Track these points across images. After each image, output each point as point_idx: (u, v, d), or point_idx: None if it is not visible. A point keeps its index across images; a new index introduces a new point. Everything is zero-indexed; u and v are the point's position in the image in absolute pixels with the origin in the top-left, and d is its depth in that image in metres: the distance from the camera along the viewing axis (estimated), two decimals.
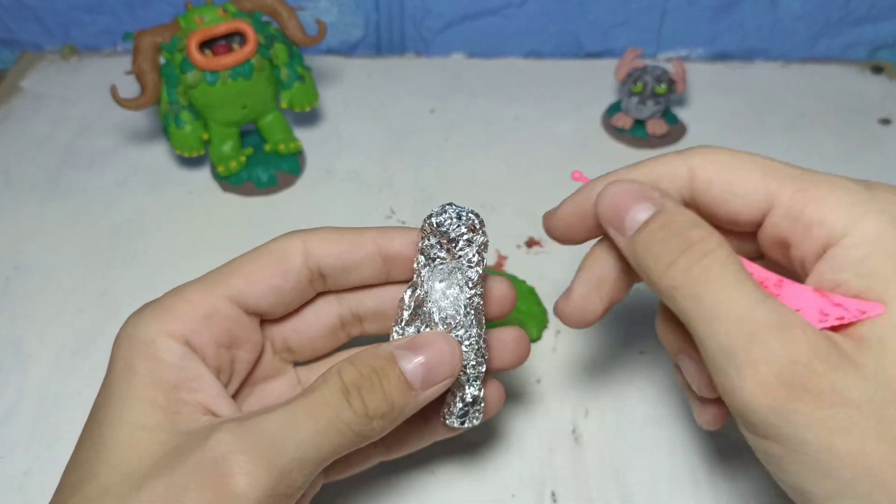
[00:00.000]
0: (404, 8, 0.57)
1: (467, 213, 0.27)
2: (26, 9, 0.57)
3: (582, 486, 0.34)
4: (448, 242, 0.26)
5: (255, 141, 0.49)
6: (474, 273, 0.27)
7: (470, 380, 0.27)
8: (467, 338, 0.27)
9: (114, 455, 0.22)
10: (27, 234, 0.45)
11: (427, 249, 0.27)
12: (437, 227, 0.26)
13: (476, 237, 0.27)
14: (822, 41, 0.59)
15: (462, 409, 0.28)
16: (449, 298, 0.26)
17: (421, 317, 0.27)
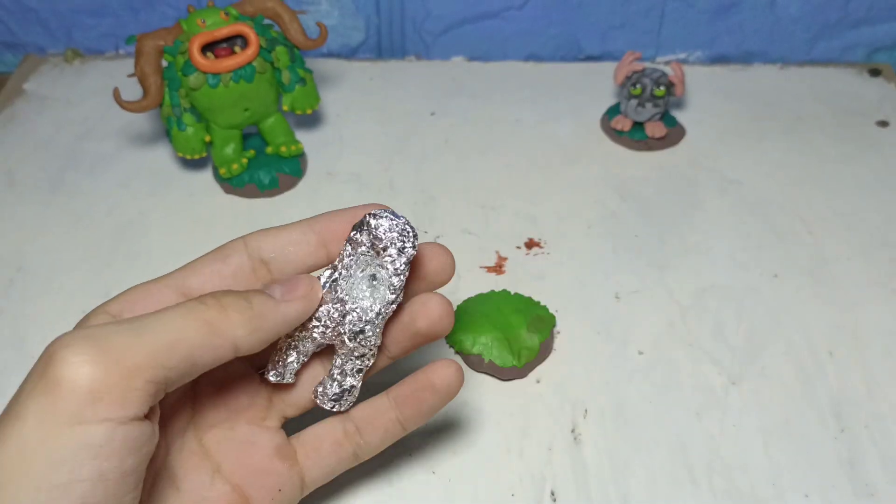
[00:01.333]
0: (405, 11, 0.58)
1: (404, 223, 0.27)
2: (30, 12, 0.58)
3: (581, 485, 0.34)
4: (379, 246, 0.27)
5: (256, 143, 0.49)
6: (398, 281, 0.27)
7: (354, 370, 0.29)
8: (371, 335, 0.27)
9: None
10: (30, 235, 0.46)
11: (355, 244, 0.27)
12: (374, 228, 0.26)
13: (407, 249, 0.27)
14: (820, 44, 0.59)
15: (336, 394, 0.29)
16: (365, 289, 0.27)
17: (333, 300, 0.27)
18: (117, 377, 0.21)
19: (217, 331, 0.23)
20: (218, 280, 0.27)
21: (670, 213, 0.47)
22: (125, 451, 0.21)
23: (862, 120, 0.54)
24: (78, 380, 0.20)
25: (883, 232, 0.46)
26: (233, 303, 0.24)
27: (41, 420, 0.20)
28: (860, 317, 0.41)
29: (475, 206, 0.47)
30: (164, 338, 0.22)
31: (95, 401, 0.21)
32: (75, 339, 0.21)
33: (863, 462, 0.35)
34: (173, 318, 0.23)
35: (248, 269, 0.28)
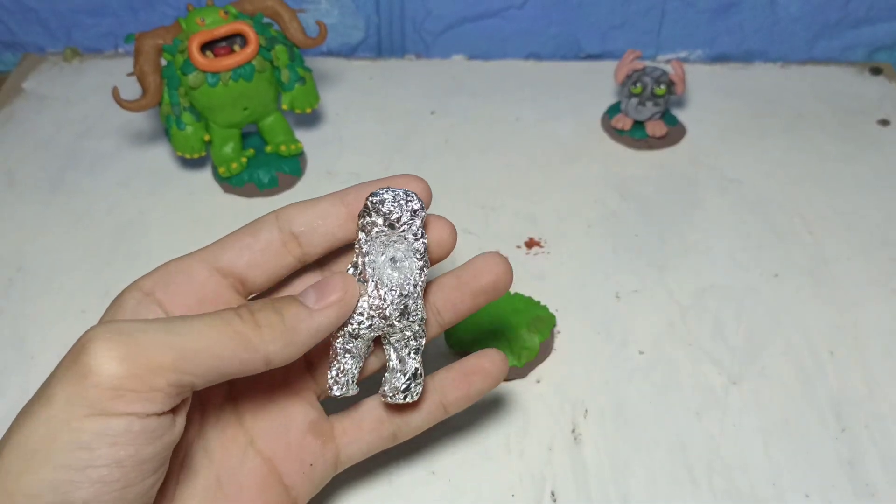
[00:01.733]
0: (404, 10, 0.57)
1: (405, 192, 0.27)
2: (29, 11, 0.57)
3: (581, 485, 0.34)
4: (390, 218, 0.26)
5: (256, 142, 0.49)
6: (421, 245, 0.27)
7: (411, 353, 0.28)
8: (414, 310, 0.27)
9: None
10: (29, 235, 0.45)
11: (369, 227, 0.27)
12: (379, 205, 0.26)
13: (418, 212, 0.27)
14: (820, 43, 0.59)
15: (405, 382, 0.28)
16: (395, 269, 0.27)
17: (366, 289, 0.27)
18: (141, 376, 0.22)
19: (248, 346, 0.24)
20: (248, 255, 0.28)
21: (670, 213, 0.47)
22: (143, 441, 0.22)
23: (863, 119, 0.54)
24: (104, 373, 0.22)
25: (883, 231, 0.46)
26: (266, 318, 0.24)
27: (67, 405, 0.22)
28: (860, 317, 0.41)
29: (475, 206, 0.47)
30: (193, 345, 0.23)
31: (118, 396, 0.22)
32: (108, 333, 0.22)
33: (863, 462, 0.35)
34: (206, 327, 0.23)
35: (278, 243, 0.28)
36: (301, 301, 0.26)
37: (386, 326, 0.27)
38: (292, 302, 0.25)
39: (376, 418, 0.30)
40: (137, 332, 0.22)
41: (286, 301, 0.25)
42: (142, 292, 0.26)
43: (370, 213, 0.27)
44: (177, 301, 0.27)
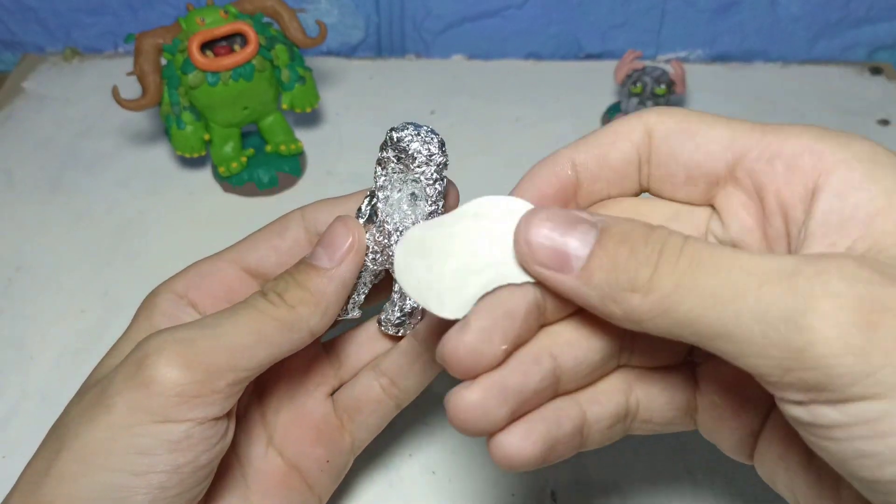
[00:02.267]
0: (404, 10, 0.57)
1: (427, 131, 0.26)
2: (28, 11, 0.57)
3: (582, 485, 0.34)
4: (406, 158, 0.26)
5: (256, 142, 0.49)
6: (433, 190, 0.27)
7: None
8: None
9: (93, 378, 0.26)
10: (29, 234, 0.45)
11: (385, 162, 0.27)
12: (396, 141, 0.26)
13: (435, 156, 0.27)
14: (821, 42, 0.59)
15: (399, 318, 0.29)
16: (406, 208, 0.27)
17: (376, 224, 0.27)
18: (202, 381, 0.23)
19: (293, 328, 0.25)
20: (275, 256, 0.28)
21: None
22: (201, 448, 0.23)
23: (863, 119, 0.54)
24: (168, 382, 0.22)
25: None
26: (295, 296, 0.25)
27: (130, 413, 0.22)
28: None
29: None
30: (243, 340, 0.24)
31: (181, 403, 0.23)
32: (167, 344, 0.23)
33: None
34: (249, 321, 0.24)
35: (304, 243, 0.28)
36: (315, 265, 0.26)
37: (389, 263, 0.27)
38: (309, 270, 0.26)
39: (373, 398, 0.30)
40: (192, 338, 0.23)
41: (303, 272, 0.26)
42: (175, 294, 0.27)
43: (388, 147, 0.27)
44: (208, 302, 0.27)
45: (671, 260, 0.19)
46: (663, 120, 0.22)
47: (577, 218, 0.21)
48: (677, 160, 0.22)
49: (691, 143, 0.22)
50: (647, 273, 0.19)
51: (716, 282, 0.18)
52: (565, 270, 0.20)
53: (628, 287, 0.19)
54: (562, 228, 0.20)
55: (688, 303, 0.18)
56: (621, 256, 0.19)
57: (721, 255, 0.18)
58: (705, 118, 0.22)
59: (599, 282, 0.20)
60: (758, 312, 0.17)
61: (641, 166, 0.23)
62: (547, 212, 0.21)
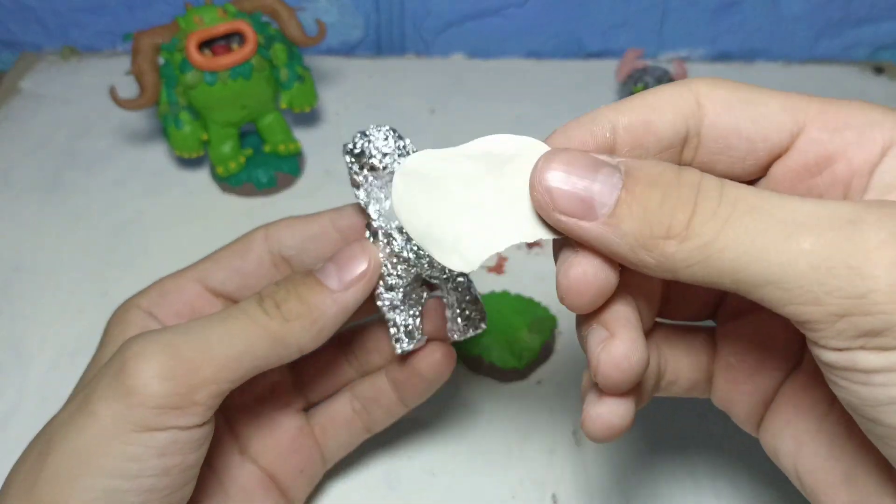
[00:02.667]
0: (404, 8, 0.57)
1: (373, 127, 0.26)
2: (26, 10, 0.57)
3: (582, 487, 0.34)
4: (370, 160, 0.26)
5: (254, 142, 0.49)
6: None
7: (457, 287, 0.27)
8: None
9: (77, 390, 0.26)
10: (27, 235, 0.45)
11: (356, 180, 0.26)
12: (359, 155, 0.26)
13: (394, 142, 0.26)
14: (822, 42, 0.59)
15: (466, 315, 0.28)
16: None
17: (381, 240, 0.26)
18: (184, 394, 0.23)
19: (282, 342, 0.24)
20: (239, 278, 0.28)
21: None
22: (188, 450, 0.23)
23: None
24: (150, 393, 0.22)
25: None
26: (292, 310, 0.24)
27: (115, 421, 0.22)
28: None
29: None
30: (231, 352, 0.23)
31: (164, 413, 0.22)
32: (150, 350, 0.23)
33: None
34: (240, 331, 0.24)
35: (268, 264, 0.28)
36: (323, 282, 0.25)
37: (414, 269, 0.26)
38: (314, 286, 0.25)
39: (345, 419, 0.30)
40: (177, 345, 0.23)
41: (309, 285, 0.25)
42: (140, 310, 0.27)
43: (351, 166, 0.26)
44: (171, 320, 0.27)
45: (710, 204, 0.18)
46: (716, 90, 0.21)
47: (599, 160, 0.19)
48: (739, 133, 0.21)
49: (753, 114, 0.20)
50: (684, 217, 0.18)
51: (765, 226, 0.17)
52: (590, 217, 0.19)
53: (662, 234, 0.18)
54: (583, 171, 0.19)
55: (733, 250, 0.17)
56: (653, 200, 0.18)
57: (768, 198, 0.18)
58: (758, 89, 0.21)
59: (629, 229, 0.18)
60: (815, 259, 0.17)
61: (690, 138, 0.21)
62: (566, 154, 0.20)
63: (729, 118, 0.21)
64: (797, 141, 0.21)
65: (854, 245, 0.17)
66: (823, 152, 0.20)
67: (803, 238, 0.17)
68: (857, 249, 0.17)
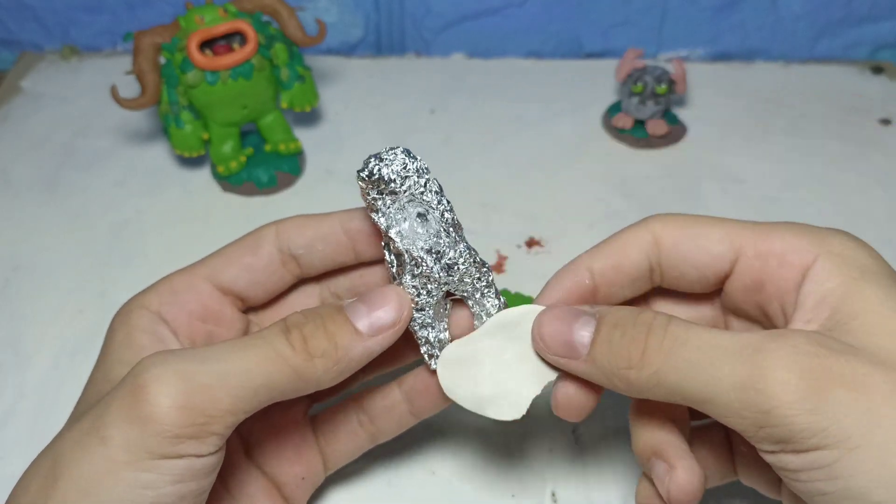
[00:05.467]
0: (404, 8, 0.57)
1: (387, 150, 0.26)
2: (26, 9, 0.57)
3: (582, 486, 0.34)
4: (389, 184, 0.26)
5: (255, 141, 0.49)
6: (430, 194, 0.27)
7: (485, 293, 0.27)
8: (458, 255, 0.27)
9: (83, 403, 0.25)
10: (26, 234, 0.45)
11: (373, 203, 0.26)
12: (370, 177, 0.26)
13: (410, 164, 0.26)
14: (822, 41, 0.59)
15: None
16: (421, 229, 0.26)
17: (408, 263, 0.26)
18: (201, 425, 0.22)
19: (303, 377, 0.24)
20: (249, 275, 0.28)
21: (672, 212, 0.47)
22: (202, 476, 0.23)
23: (864, 118, 0.54)
24: (166, 422, 0.22)
25: (886, 230, 0.46)
26: (318, 346, 0.24)
27: (128, 449, 0.22)
28: None
29: (475, 205, 0.47)
30: (250, 383, 0.23)
31: (180, 441, 0.22)
32: (167, 378, 0.22)
33: None
34: (260, 361, 0.23)
35: (278, 263, 0.28)
36: (353, 323, 0.25)
37: (444, 286, 0.27)
38: (344, 325, 0.25)
39: (350, 430, 0.30)
40: (195, 373, 0.22)
41: (338, 323, 0.25)
42: (148, 311, 0.26)
43: (367, 190, 0.26)
44: (182, 320, 0.27)
45: (657, 339, 0.23)
46: (667, 227, 0.26)
47: (579, 311, 0.25)
48: (687, 262, 0.25)
49: (697, 247, 0.25)
50: (637, 352, 0.23)
51: (697, 357, 0.22)
52: (575, 357, 0.24)
53: (625, 365, 0.23)
54: (567, 322, 0.25)
55: (675, 375, 0.22)
56: (615, 339, 0.23)
57: (699, 334, 0.22)
58: (703, 223, 0.25)
59: (602, 363, 0.24)
60: (732, 382, 0.21)
61: (653, 269, 0.26)
62: (555, 310, 0.25)
63: (678, 253, 0.26)
64: (735, 266, 0.25)
65: (759, 370, 0.21)
66: (755, 277, 0.25)
67: (723, 365, 0.21)
68: (761, 374, 0.21)
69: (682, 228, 0.26)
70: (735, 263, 0.25)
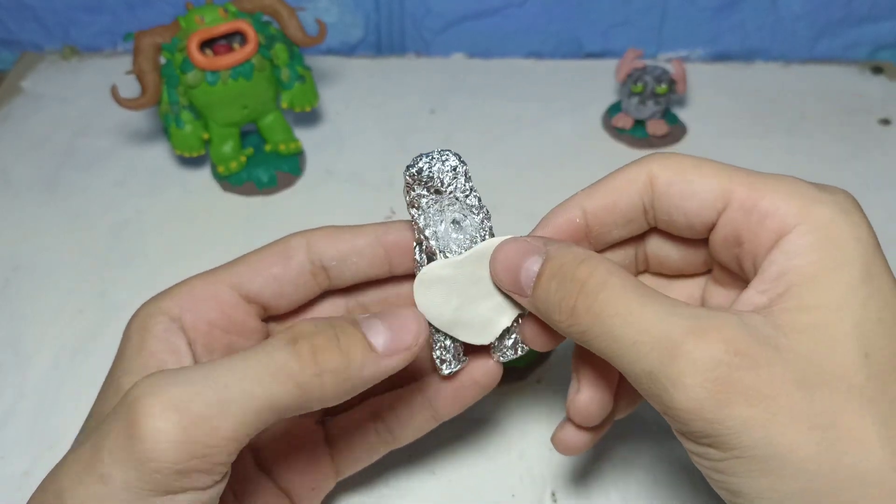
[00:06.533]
0: (404, 8, 0.57)
1: (440, 151, 0.26)
2: (26, 9, 0.57)
3: (582, 486, 0.34)
4: (435, 182, 0.26)
5: (255, 141, 0.49)
6: (474, 198, 0.27)
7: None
8: None
9: (95, 412, 0.25)
10: (26, 234, 0.45)
11: (417, 199, 0.26)
12: (418, 174, 0.26)
13: (459, 167, 0.26)
14: (822, 41, 0.59)
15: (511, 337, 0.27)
16: (456, 234, 0.26)
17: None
18: (203, 457, 0.21)
19: (308, 395, 0.22)
20: (277, 286, 0.27)
21: None
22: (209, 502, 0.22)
23: (864, 118, 0.54)
24: (164, 460, 0.20)
25: (886, 230, 0.46)
26: (329, 361, 0.22)
27: (128, 488, 0.20)
28: None
29: None
30: (251, 406, 0.21)
31: (182, 477, 0.21)
32: (161, 410, 0.20)
33: None
34: (262, 378, 0.21)
35: (308, 275, 0.27)
36: (368, 340, 0.23)
37: None
38: (358, 342, 0.23)
39: (365, 439, 0.30)
40: (191, 405, 0.21)
41: (352, 338, 0.23)
42: (168, 317, 0.25)
43: (412, 186, 0.26)
44: (202, 328, 0.26)
45: (586, 302, 0.23)
46: (664, 168, 0.25)
47: (532, 247, 0.25)
48: (677, 208, 0.25)
49: (688, 191, 0.24)
50: (568, 308, 0.23)
51: (620, 332, 0.22)
52: (520, 294, 0.25)
53: (556, 317, 0.23)
54: (518, 257, 0.25)
55: (598, 342, 0.22)
56: (551, 288, 0.23)
57: (629, 307, 0.22)
58: (701, 166, 0.24)
59: (540, 307, 0.24)
60: (645, 368, 0.21)
61: (647, 211, 0.25)
62: (510, 243, 0.25)
63: (669, 198, 0.25)
64: (721, 216, 0.24)
65: (669, 369, 0.21)
66: (736, 231, 0.24)
67: (641, 347, 0.21)
68: (670, 373, 0.21)
69: (677, 172, 0.24)
70: (723, 213, 0.24)
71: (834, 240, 0.22)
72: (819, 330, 0.21)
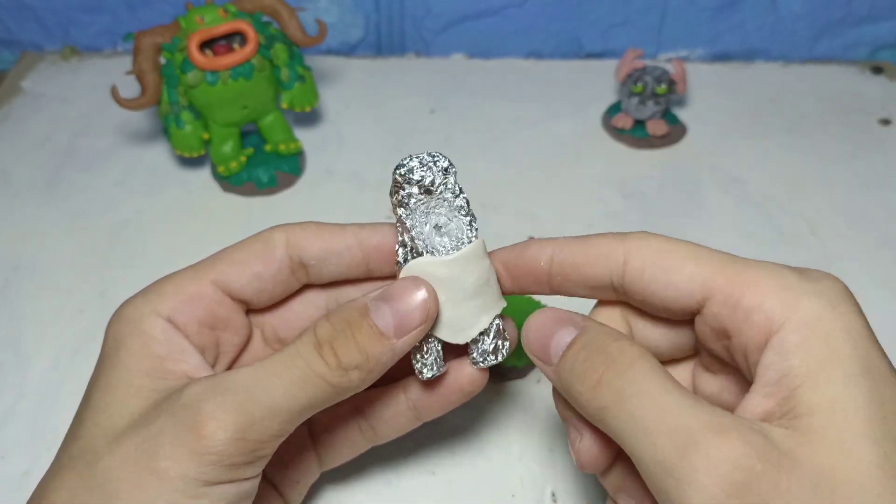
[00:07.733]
0: (404, 8, 0.57)
1: (428, 154, 0.26)
2: (26, 9, 0.57)
3: (582, 486, 0.34)
4: (426, 183, 0.26)
5: (255, 141, 0.49)
6: (462, 200, 0.26)
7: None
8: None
9: (99, 415, 0.24)
10: (26, 234, 0.45)
11: (405, 199, 0.26)
12: (409, 174, 0.26)
13: (450, 168, 0.26)
14: (822, 41, 0.59)
15: (492, 342, 0.27)
16: (446, 234, 0.26)
17: None
18: (254, 450, 0.23)
19: (341, 390, 0.25)
20: (259, 284, 0.28)
21: (672, 212, 0.47)
22: (244, 496, 0.24)
23: (864, 118, 0.54)
24: (224, 453, 0.23)
25: (886, 230, 0.46)
26: (351, 359, 0.24)
27: (185, 479, 0.22)
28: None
29: (475, 205, 0.47)
30: (296, 406, 0.24)
31: (234, 469, 0.23)
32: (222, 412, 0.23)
33: None
34: (302, 383, 0.24)
35: (287, 272, 0.28)
36: (380, 328, 0.25)
37: None
38: (372, 334, 0.25)
39: (348, 435, 0.30)
40: (248, 407, 0.23)
41: (367, 332, 0.25)
42: (161, 318, 0.26)
43: (402, 185, 0.26)
44: (191, 328, 0.27)
45: (612, 378, 0.22)
46: (641, 250, 0.25)
47: (568, 319, 0.25)
48: (653, 294, 0.24)
49: (664, 280, 0.24)
50: (591, 382, 0.23)
51: (640, 415, 0.21)
52: (546, 362, 0.25)
53: (579, 389, 0.23)
54: (553, 326, 0.25)
55: (615, 422, 0.22)
56: (579, 360, 0.23)
57: (652, 392, 0.22)
58: (679, 251, 0.24)
59: (562, 377, 0.24)
60: (660, 459, 0.21)
61: (616, 289, 0.25)
62: (548, 312, 0.25)
63: (644, 284, 0.24)
64: (704, 309, 0.24)
65: (685, 464, 0.20)
66: (722, 326, 0.23)
67: (658, 434, 0.21)
68: (685, 470, 0.20)
69: (653, 257, 0.24)
70: (704, 306, 0.24)
71: (825, 332, 0.21)
72: (830, 433, 0.20)
